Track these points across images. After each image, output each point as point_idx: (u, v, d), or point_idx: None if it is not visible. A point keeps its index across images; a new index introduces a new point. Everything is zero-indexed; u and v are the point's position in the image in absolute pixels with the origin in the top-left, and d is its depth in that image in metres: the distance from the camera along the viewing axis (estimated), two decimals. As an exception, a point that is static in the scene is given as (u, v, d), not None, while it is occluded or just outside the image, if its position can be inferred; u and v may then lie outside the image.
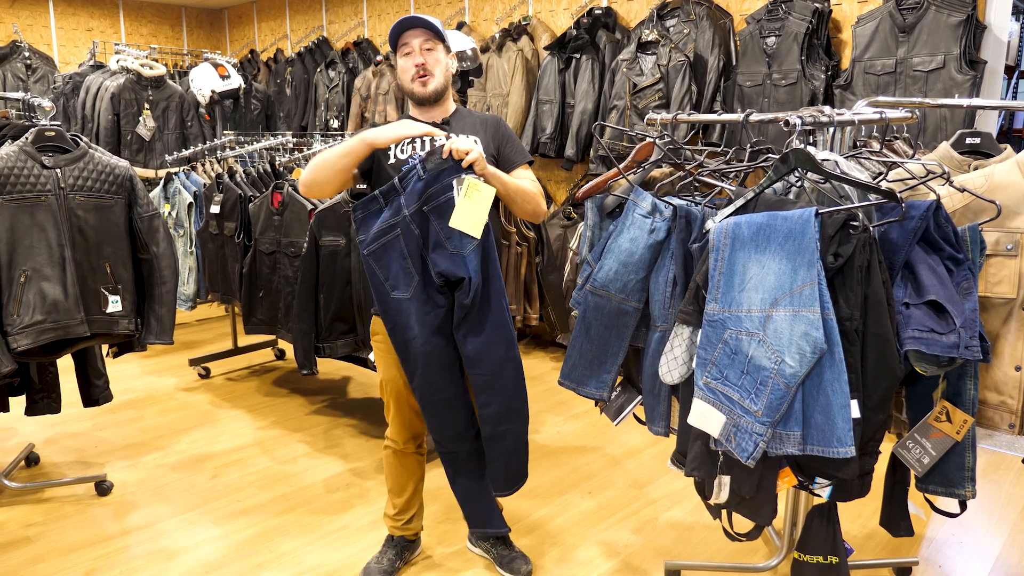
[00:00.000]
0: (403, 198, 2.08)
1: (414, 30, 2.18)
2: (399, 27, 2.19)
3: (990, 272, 1.84)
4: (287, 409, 3.91)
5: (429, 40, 2.18)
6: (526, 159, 2.31)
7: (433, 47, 2.19)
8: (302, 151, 4.05)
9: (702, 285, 1.77)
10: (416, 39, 2.17)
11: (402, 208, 2.08)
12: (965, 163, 2.10)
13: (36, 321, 2.49)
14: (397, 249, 2.10)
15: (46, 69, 6.38)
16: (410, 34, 2.18)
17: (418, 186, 2.07)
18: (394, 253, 2.10)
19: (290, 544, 2.63)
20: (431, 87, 2.19)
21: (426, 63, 2.17)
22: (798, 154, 1.76)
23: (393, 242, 2.10)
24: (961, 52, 3.38)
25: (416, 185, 2.07)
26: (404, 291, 2.11)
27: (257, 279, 3.62)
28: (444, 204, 2.06)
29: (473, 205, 2.04)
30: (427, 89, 2.19)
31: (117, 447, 3.43)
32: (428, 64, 2.17)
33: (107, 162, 2.67)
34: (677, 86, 4.19)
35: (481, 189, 2.05)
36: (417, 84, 2.19)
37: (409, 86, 2.20)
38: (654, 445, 3.41)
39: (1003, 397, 1.85)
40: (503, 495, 2.31)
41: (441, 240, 2.08)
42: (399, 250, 2.09)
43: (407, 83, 2.21)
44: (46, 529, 2.71)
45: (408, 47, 2.19)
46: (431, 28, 2.17)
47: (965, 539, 2.67)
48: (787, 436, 1.61)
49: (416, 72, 2.17)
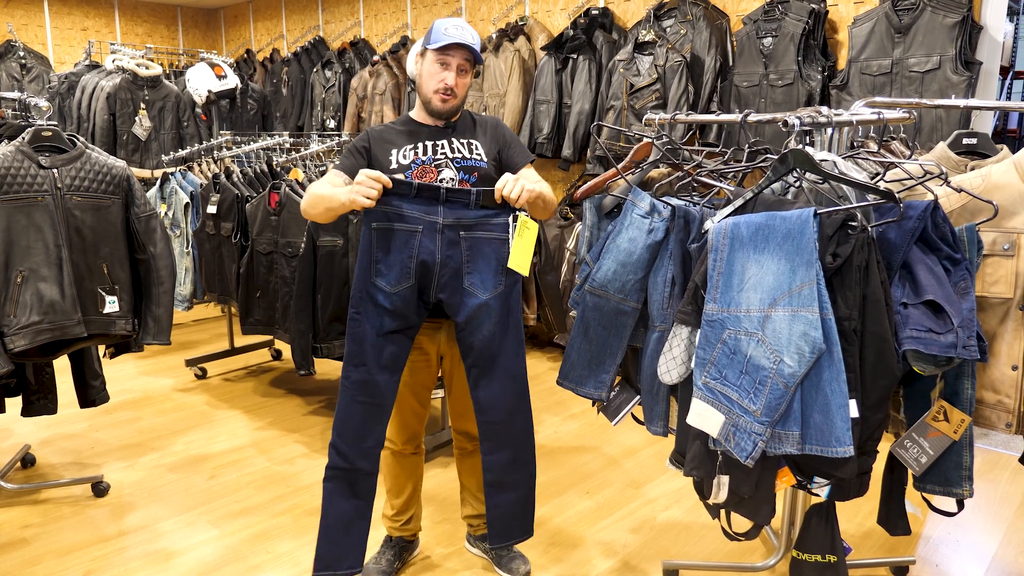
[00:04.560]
0: (443, 208, 2.05)
1: (461, 49, 2.15)
2: (449, 38, 2.12)
3: (987, 272, 1.85)
4: (284, 409, 3.91)
5: (467, 62, 2.18)
6: (528, 159, 2.31)
7: (467, 71, 2.19)
8: (299, 151, 4.04)
9: (701, 285, 1.77)
10: (456, 59, 2.16)
11: (437, 214, 2.05)
12: (962, 163, 2.11)
13: (33, 322, 2.48)
14: (409, 244, 2.05)
15: (41, 69, 6.36)
16: (455, 50, 2.15)
17: (465, 212, 2.06)
18: (402, 245, 2.05)
19: (288, 545, 2.63)
20: (450, 105, 2.19)
21: (455, 87, 2.17)
22: (797, 154, 1.77)
23: (408, 236, 2.05)
24: (957, 53, 3.40)
25: (462, 210, 2.05)
26: (391, 284, 2.07)
27: (254, 279, 3.61)
28: (485, 241, 2.07)
29: (524, 243, 2.07)
30: (445, 107, 2.19)
31: (114, 448, 3.42)
32: (457, 88, 2.18)
33: (104, 162, 2.66)
34: (674, 86, 4.19)
35: (531, 226, 2.08)
36: (438, 99, 2.18)
37: (430, 96, 2.19)
38: (652, 445, 3.41)
39: (1000, 396, 1.86)
40: (498, 546, 2.31)
41: (461, 274, 2.07)
42: (411, 247, 2.05)
43: (429, 92, 2.19)
44: (43, 531, 2.70)
45: (447, 62, 2.16)
46: (475, 53, 2.17)
47: (962, 538, 2.68)
48: (786, 436, 1.62)
49: (443, 89, 2.17)
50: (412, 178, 2.13)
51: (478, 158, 2.21)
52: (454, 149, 2.20)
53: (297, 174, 3.59)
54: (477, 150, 2.23)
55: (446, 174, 2.17)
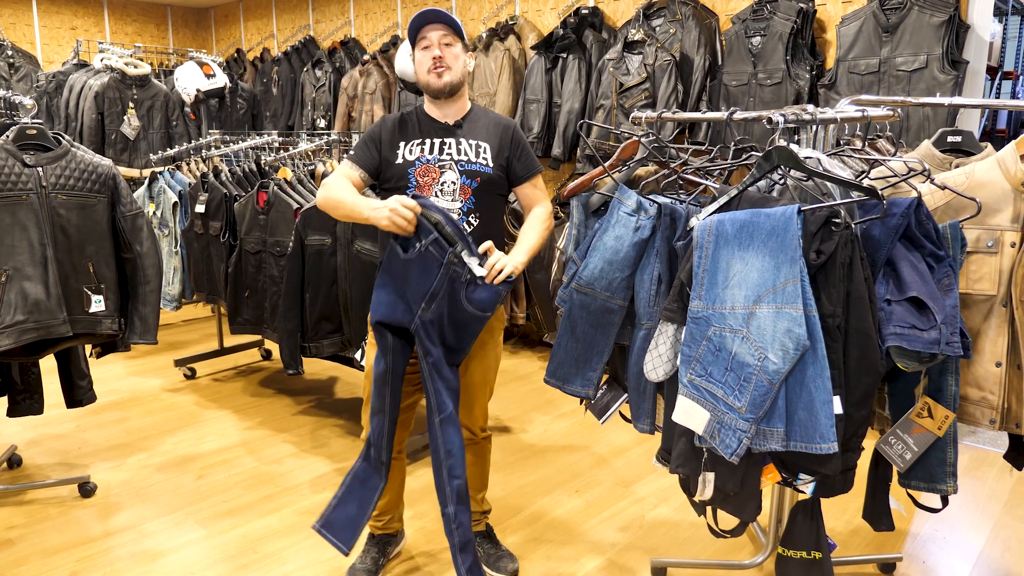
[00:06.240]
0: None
1: (434, 24, 2.15)
2: (419, 20, 2.15)
3: (971, 269, 1.86)
4: (273, 409, 3.89)
5: (448, 36, 2.16)
6: (538, 170, 2.29)
7: (452, 43, 2.16)
8: (287, 150, 4.03)
9: (686, 282, 1.78)
10: (435, 32, 2.15)
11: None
12: (946, 161, 2.12)
13: (17, 321, 2.47)
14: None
15: (29, 68, 6.32)
16: (429, 28, 2.15)
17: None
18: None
19: (276, 544, 2.62)
20: (446, 79, 2.15)
21: (444, 56, 2.14)
22: (781, 152, 1.77)
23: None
24: (944, 52, 3.41)
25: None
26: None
27: (243, 279, 3.60)
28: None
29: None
30: (442, 80, 2.15)
31: (101, 448, 3.40)
32: (446, 58, 2.15)
33: (90, 160, 2.65)
34: (663, 86, 4.20)
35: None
36: (433, 76, 2.15)
37: (425, 78, 2.17)
38: (641, 444, 3.41)
39: (984, 393, 1.87)
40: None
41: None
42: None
43: (423, 75, 2.18)
44: (28, 531, 2.69)
45: (427, 40, 2.15)
46: (451, 24, 2.15)
47: (949, 535, 2.69)
48: (770, 432, 1.62)
49: (433, 64, 2.14)
50: (415, 176, 2.15)
51: (483, 163, 2.19)
52: (461, 151, 2.18)
53: (285, 173, 3.58)
54: (484, 154, 2.20)
55: (448, 176, 2.15)
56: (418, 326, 2.07)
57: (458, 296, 2.05)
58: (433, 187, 2.15)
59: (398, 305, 2.09)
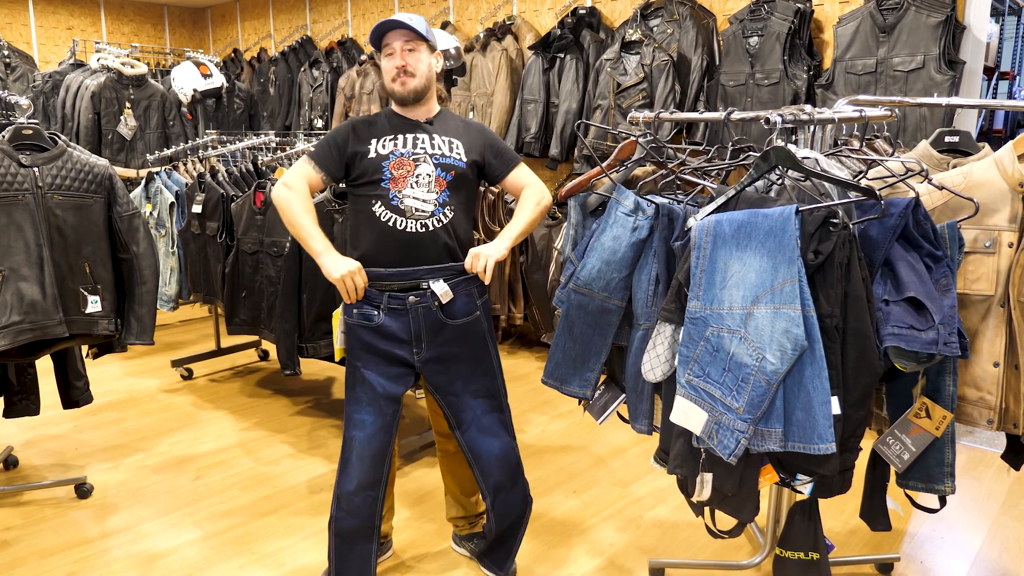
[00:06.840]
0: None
1: (394, 31, 2.16)
2: (379, 30, 2.18)
3: (969, 269, 1.86)
4: (270, 410, 3.89)
5: (411, 41, 2.17)
6: (517, 159, 2.31)
7: (415, 47, 2.18)
8: (284, 150, 4.02)
9: (684, 283, 1.77)
10: (397, 40, 2.16)
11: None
12: (944, 161, 2.12)
13: (13, 322, 2.46)
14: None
15: (26, 67, 6.30)
16: (391, 35, 2.17)
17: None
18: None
19: (273, 545, 2.61)
20: (410, 86, 2.18)
21: (407, 64, 2.16)
22: (779, 152, 1.77)
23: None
24: (940, 52, 3.42)
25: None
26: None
27: (240, 279, 3.59)
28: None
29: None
30: (406, 88, 2.18)
31: (98, 449, 3.39)
32: (409, 65, 2.16)
33: (86, 161, 2.64)
34: (661, 86, 4.20)
35: None
36: (397, 84, 2.18)
37: (390, 86, 2.20)
38: (639, 444, 3.41)
39: (982, 393, 1.87)
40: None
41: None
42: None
43: (388, 83, 2.21)
44: (25, 532, 2.68)
45: (390, 48, 2.18)
46: (411, 29, 2.16)
47: (946, 535, 2.69)
48: (768, 433, 1.62)
49: (397, 72, 2.17)
50: (389, 169, 2.15)
51: (457, 157, 2.20)
52: (435, 145, 2.19)
53: (282, 173, 3.57)
54: (457, 149, 2.21)
55: (423, 169, 2.15)
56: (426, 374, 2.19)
57: (439, 320, 2.16)
58: (408, 179, 2.14)
59: (391, 370, 2.18)
